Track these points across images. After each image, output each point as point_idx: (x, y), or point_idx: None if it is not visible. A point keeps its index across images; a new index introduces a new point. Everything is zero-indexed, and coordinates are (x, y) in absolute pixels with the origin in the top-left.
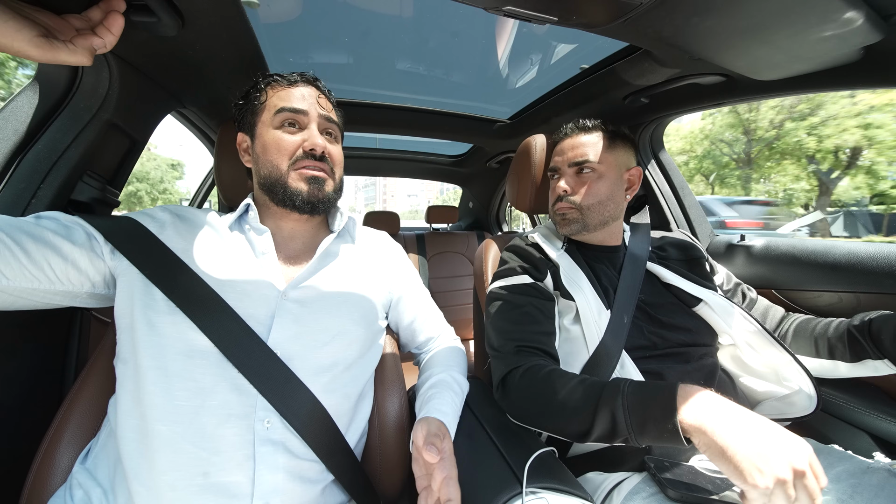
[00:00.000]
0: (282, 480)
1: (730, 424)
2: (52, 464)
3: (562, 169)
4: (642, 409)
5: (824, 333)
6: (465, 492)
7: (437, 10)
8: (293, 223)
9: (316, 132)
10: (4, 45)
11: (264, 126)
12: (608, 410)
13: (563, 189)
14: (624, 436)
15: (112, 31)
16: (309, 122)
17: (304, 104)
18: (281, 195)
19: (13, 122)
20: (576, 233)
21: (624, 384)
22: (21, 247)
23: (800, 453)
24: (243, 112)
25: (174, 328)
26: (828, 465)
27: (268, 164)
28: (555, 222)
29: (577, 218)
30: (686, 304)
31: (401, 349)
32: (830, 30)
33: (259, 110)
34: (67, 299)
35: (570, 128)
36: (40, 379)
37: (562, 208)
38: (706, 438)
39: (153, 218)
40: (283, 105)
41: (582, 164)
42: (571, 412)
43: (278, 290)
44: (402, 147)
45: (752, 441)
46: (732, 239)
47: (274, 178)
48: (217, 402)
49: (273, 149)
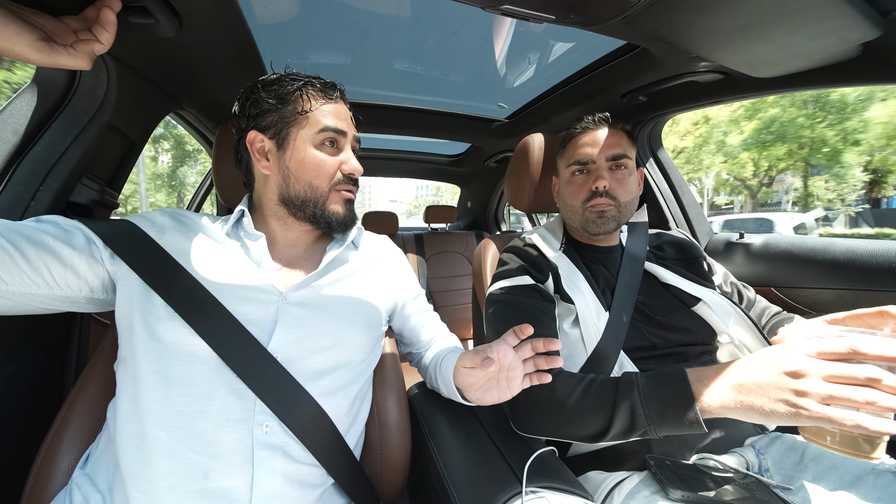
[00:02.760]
0: (280, 485)
1: (737, 384)
2: (52, 467)
3: (598, 163)
4: (659, 398)
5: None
6: (464, 492)
7: (435, 9)
8: (298, 233)
9: (352, 155)
10: (5, 49)
11: (303, 141)
12: (627, 404)
13: (604, 185)
14: (643, 428)
15: (107, 29)
16: (345, 144)
17: (345, 125)
18: (313, 214)
19: (12, 124)
20: (610, 231)
21: (636, 377)
22: (21, 252)
23: (786, 360)
24: (264, 109)
25: (173, 333)
26: (831, 465)
27: (305, 183)
28: (585, 220)
29: (615, 216)
30: (685, 304)
31: (400, 350)
32: (828, 26)
33: (297, 121)
34: (66, 304)
35: (592, 120)
36: (40, 381)
37: (600, 204)
38: (736, 413)
39: (152, 222)
40: (329, 125)
41: (620, 159)
42: (588, 413)
43: (279, 295)
44: (401, 147)
45: (757, 386)
46: (731, 237)
47: (310, 198)
48: (216, 406)
49: (314, 169)
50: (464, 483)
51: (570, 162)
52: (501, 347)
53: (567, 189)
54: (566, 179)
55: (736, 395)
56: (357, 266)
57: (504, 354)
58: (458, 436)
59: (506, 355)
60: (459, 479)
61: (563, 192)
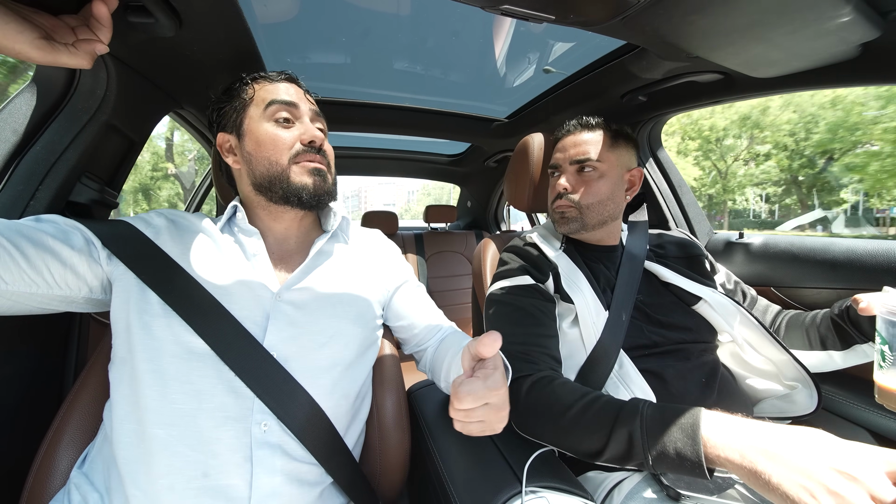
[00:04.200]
0: (279, 483)
1: (765, 449)
2: (51, 466)
3: (563, 166)
4: (663, 433)
5: (814, 324)
6: (464, 492)
7: (435, 9)
8: (287, 223)
9: (310, 124)
10: (6, 48)
11: (254, 121)
12: (625, 431)
13: (563, 187)
14: (639, 460)
15: (102, 24)
16: (301, 116)
17: (295, 98)
18: (283, 192)
19: (11, 123)
20: (574, 232)
21: (643, 405)
22: (21, 251)
23: (847, 458)
24: (224, 111)
25: (169, 330)
26: None
27: (264, 161)
28: (553, 220)
29: (575, 217)
30: (685, 303)
31: (399, 349)
32: (828, 27)
33: (245, 106)
34: (64, 304)
35: (572, 125)
36: (39, 381)
37: (561, 206)
38: (742, 470)
39: (149, 223)
40: (273, 98)
41: (583, 163)
42: (584, 430)
43: (271, 292)
44: (400, 147)
45: (792, 461)
46: (731, 237)
47: (273, 174)
48: (214, 404)
49: (269, 144)
50: (463, 482)
51: (549, 165)
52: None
53: (549, 191)
54: (550, 182)
55: (754, 458)
56: (347, 259)
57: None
58: (457, 435)
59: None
60: (459, 479)
61: (548, 193)
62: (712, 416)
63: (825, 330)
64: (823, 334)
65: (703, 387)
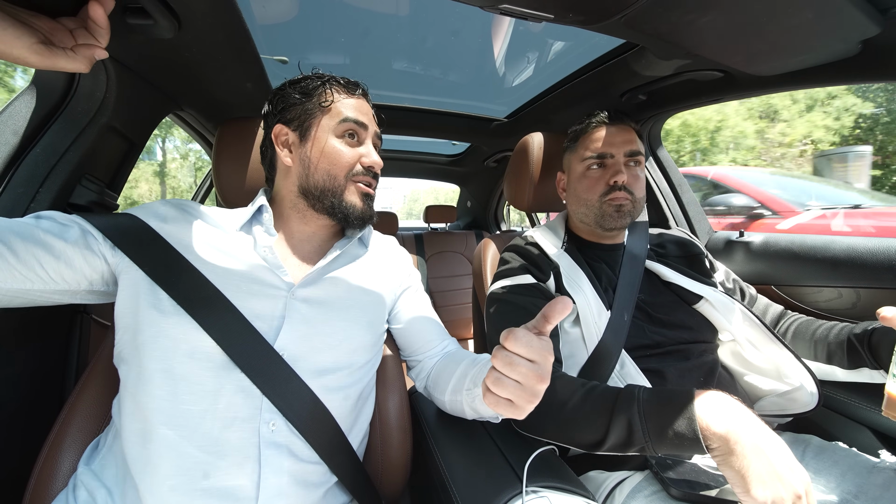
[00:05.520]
0: (286, 484)
1: (749, 434)
2: (54, 466)
3: (617, 157)
4: (659, 415)
5: (825, 338)
6: (465, 492)
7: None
8: (315, 228)
9: (373, 149)
10: (4, 53)
11: (323, 131)
12: (624, 418)
13: (623, 179)
14: (640, 444)
15: (100, 25)
16: (366, 137)
17: (366, 119)
18: (331, 205)
19: (11, 125)
20: (625, 226)
21: (638, 391)
22: (9, 247)
23: (803, 480)
24: (293, 104)
25: (179, 329)
26: (832, 462)
27: (323, 172)
28: (602, 214)
29: (630, 210)
30: (686, 302)
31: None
32: (827, 24)
33: (320, 111)
34: (66, 297)
35: (606, 115)
36: (41, 381)
37: (618, 198)
38: (726, 446)
39: (154, 213)
40: (349, 115)
41: (636, 155)
42: (584, 421)
43: (286, 290)
44: (400, 147)
45: (764, 455)
46: (731, 235)
47: (328, 187)
48: (223, 404)
49: (333, 157)
50: (465, 482)
51: (585, 156)
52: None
53: (581, 183)
54: (579, 174)
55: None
56: (364, 265)
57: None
58: (458, 435)
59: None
60: (460, 479)
61: (577, 186)
62: (703, 396)
63: (836, 346)
64: (832, 350)
65: (702, 385)
